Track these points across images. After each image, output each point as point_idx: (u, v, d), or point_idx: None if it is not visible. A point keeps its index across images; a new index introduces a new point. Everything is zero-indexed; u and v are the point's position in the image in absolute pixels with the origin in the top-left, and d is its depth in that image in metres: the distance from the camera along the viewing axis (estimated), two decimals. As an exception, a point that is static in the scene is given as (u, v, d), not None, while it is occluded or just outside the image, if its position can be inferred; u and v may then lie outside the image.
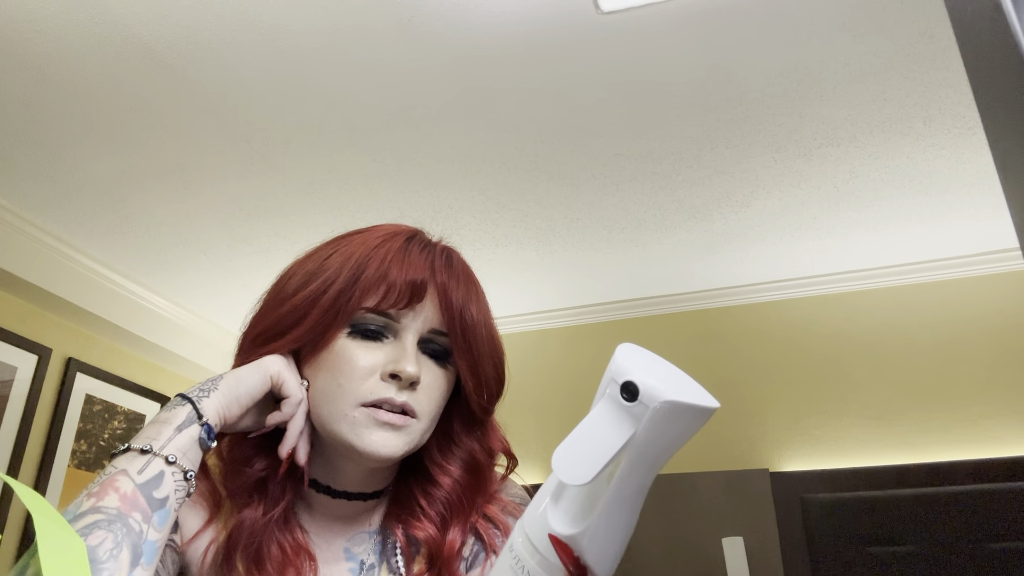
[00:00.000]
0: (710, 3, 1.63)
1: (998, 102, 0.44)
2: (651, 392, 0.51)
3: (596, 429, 0.53)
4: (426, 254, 0.75)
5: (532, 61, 1.81)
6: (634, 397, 0.52)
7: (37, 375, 2.57)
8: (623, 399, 0.52)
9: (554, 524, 0.54)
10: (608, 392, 0.54)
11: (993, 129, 0.46)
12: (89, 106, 1.95)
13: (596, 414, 0.53)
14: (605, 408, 0.53)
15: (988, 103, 0.46)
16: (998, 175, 0.46)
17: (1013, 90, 0.41)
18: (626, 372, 0.53)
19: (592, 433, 0.53)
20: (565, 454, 0.52)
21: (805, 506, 2.53)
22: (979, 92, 0.48)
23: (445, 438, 0.78)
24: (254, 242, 2.62)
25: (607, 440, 0.52)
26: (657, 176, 2.25)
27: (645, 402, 0.51)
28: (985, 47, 0.45)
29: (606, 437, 0.52)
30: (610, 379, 0.54)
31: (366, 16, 1.67)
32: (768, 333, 2.87)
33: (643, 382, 0.52)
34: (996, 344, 2.56)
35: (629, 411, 0.52)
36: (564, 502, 0.55)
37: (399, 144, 2.12)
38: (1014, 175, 0.44)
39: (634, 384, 0.52)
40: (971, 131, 2.03)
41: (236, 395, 0.69)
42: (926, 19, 1.66)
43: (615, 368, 0.54)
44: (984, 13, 0.44)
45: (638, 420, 0.52)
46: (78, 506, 0.58)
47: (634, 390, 0.52)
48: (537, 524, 0.55)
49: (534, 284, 2.94)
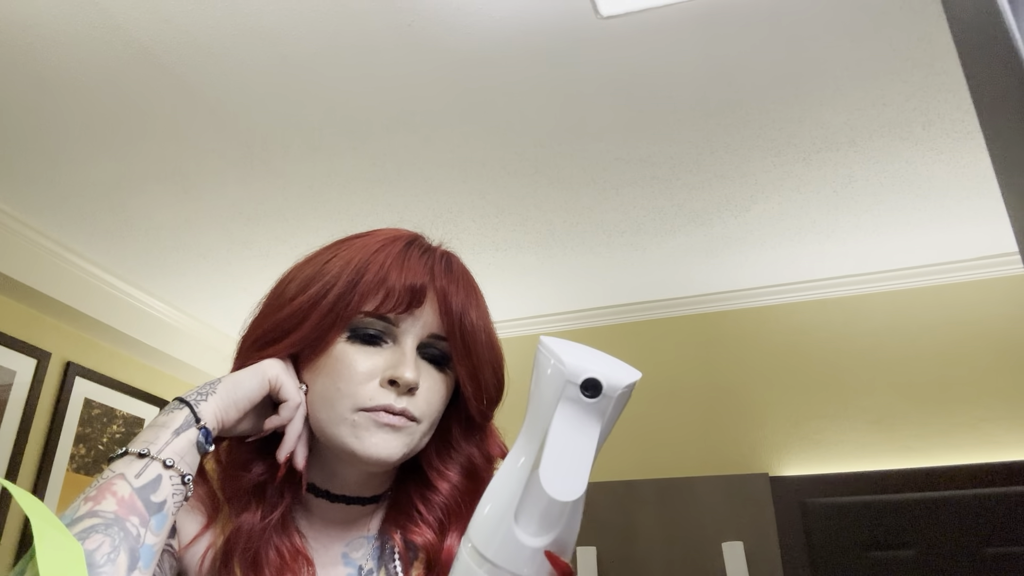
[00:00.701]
0: (709, 8, 1.63)
1: (997, 107, 0.45)
2: (611, 382, 0.51)
3: (569, 437, 0.52)
4: (426, 259, 0.75)
5: (532, 65, 1.81)
6: (597, 392, 0.51)
7: (36, 379, 2.56)
8: (585, 397, 0.51)
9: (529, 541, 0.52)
10: (566, 394, 0.52)
11: (992, 134, 0.46)
12: (89, 110, 1.96)
13: (561, 421, 0.52)
14: (567, 412, 0.52)
15: (987, 108, 0.47)
16: (997, 179, 0.46)
17: (1012, 95, 0.41)
18: (580, 369, 0.52)
19: (567, 442, 0.52)
20: (553, 473, 0.51)
21: (805, 510, 2.53)
22: (978, 97, 0.48)
23: (444, 443, 0.78)
24: (254, 246, 2.62)
25: (584, 444, 0.51)
26: (657, 180, 2.26)
27: (608, 394, 0.51)
28: (984, 52, 0.45)
29: (582, 442, 0.51)
30: (564, 381, 0.52)
31: (366, 21, 1.67)
32: (768, 337, 2.87)
33: (602, 374, 0.51)
34: (995, 348, 2.56)
35: (592, 407, 0.51)
36: (529, 515, 0.53)
37: (399, 148, 2.12)
38: (1013, 180, 0.44)
39: (596, 379, 0.51)
40: (970, 136, 2.04)
41: (234, 398, 0.69)
42: (925, 24, 1.66)
43: (568, 370, 0.52)
44: (983, 18, 0.44)
45: (602, 414, 0.51)
46: (75, 510, 0.58)
47: (597, 385, 0.51)
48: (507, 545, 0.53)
49: (534, 288, 2.94)
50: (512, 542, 0.53)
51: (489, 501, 0.55)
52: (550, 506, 0.53)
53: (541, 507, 0.53)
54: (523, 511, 0.53)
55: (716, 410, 2.82)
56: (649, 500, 2.68)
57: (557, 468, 0.51)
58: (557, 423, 0.52)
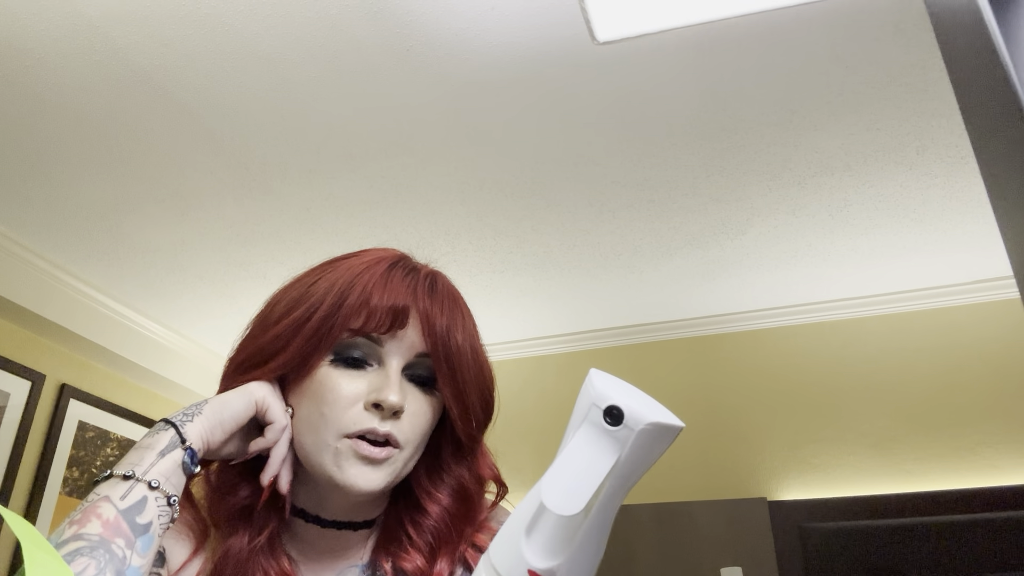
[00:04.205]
0: (705, 34, 1.65)
1: (989, 132, 0.45)
2: (635, 415, 0.51)
3: (582, 456, 0.52)
4: (409, 280, 0.74)
5: (529, 90, 1.82)
6: (619, 421, 0.51)
7: (30, 401, 2.55)
8: (607, 424, 0.52)
9: (531, 559, 0.53)
10: (590, 417, 0.53)
11: (985, 158, 0.46)
12: (86, 131, 1.96)
13: (580, 441, 0.53)
14: (588, 434, 0.53)
15: (979, 133, 0.47)
16: (991, 204, 0.46)
17: (1003, 120, 0.41)
18: (607, 397, 0.52)
19: (578, 461, 0.52)
20: (554, 485, 0.52)
21: (804, 535, 2.51)
22: (970, 122, 0.48)
23: (434, 465, 0.77)
24: (250, 268, 2.62)
25: (595, 467, 0.51)
26: (653, 204, 2.27)
27: (630, 425, 0.51)
28: (975, 78, 0.46)
29: (593, 464, 0.52)
30: (591, 404, 0.53)
31: (365, 45, 1.69)
32: (765, 360, 2.87)
33: (627, 405, 0.52)
34: (992, 372, 2.56)
35: (613, 435, 0.52)
36: (539, 534, 0.54)
37: (396, 171, 2.13)
38: (1006, 204, 0.44)
39: (618, 408, 0.52)
40: (964, 160, 2.05)
41: (220, 419, 0.69)
42: (917, 50, 1.68)
43: (595, 393, 0.53)
44: (974, 45, 0.45)
45: (622, 444, 0.51)
46: (60, 533, 0.58)
47: (618, 414, 0.51)
48: (511, 559, 0.53)
49: (531, 310, 2.94)
50: (518, 559, 0.53)
51: (512, 515, 0.56)
52: (556, 527, 0.53)
53: (549, 525, 0.53)
54: (534, 528, 0.54)
55: (713, 434, 2.81)
56: (646, 525, 2.66)
57: (560, 481, 0.52)
58: (575, 441, 0.53)
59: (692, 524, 2.63)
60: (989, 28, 0.42)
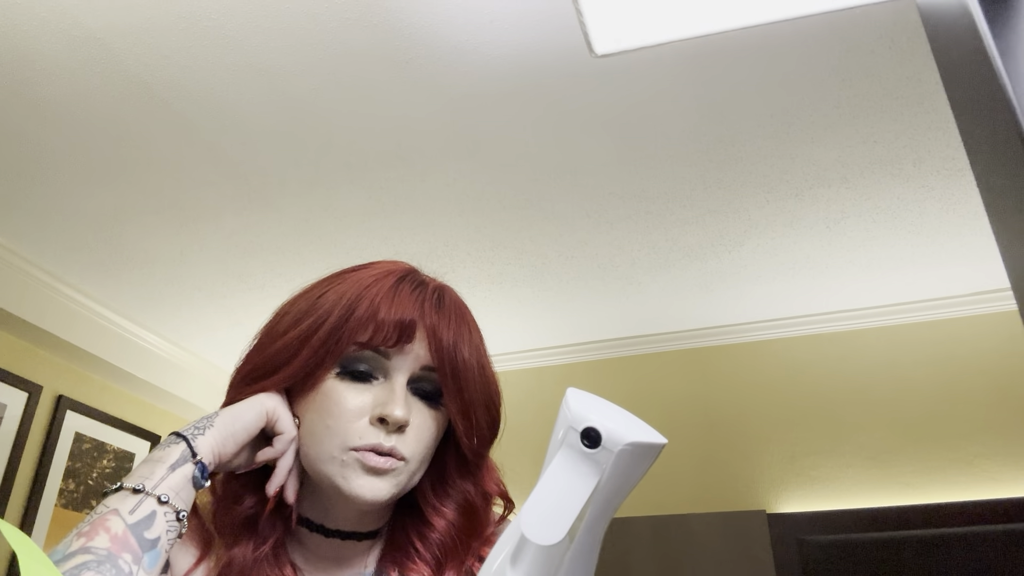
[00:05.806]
0: (703, 47, 1.66)
1: (985, 144, 0.45)
2: (614, 436, 0.50)
3: (560, 482, 0.51)
4: (417, 294, 0.74)
5: (527, 102, 1.83)
6: (597, 443, 0.50)
7: (27, 412, 2.54)
8: (585, 446, 0.50)
9: None
10: (567, 441, 0.52)
11: (981, 170, 0.47)
12: (86, 143, 1.97)
13: (557, 466, 0.51)
14: (566, 458, 0.51)
15: (975, 145, 0.47)
16: (987, 216, 0.46)
17: (999, 132, 0.42)
18: (584, 419, 0.51)
19: (557, 487, 0.51)
20: (533, 514, 0.50)
21: (803, 548, 2.50)
22: (966, 135, 0.49)
23: (439, 479, 0.77)
24: (249, 279, 2.62)
25: (574, 492, 0.50)
26: (651, 215, 2.27)
27: (609, 447, 0.50)
28: (971, 91, 0.46)
29: (572, 489, 0.50)
30: (567, 427, 0.52)
31: (364, 57, 1.70)
32: (762, 372, 2.87)
33: (604, 427, 0.50)
34: (990, 384, 2.56)
35: (592, 458, 0.50)
36: (524, 564, 0.52)
37: (395, 183, 2.13)
38: (1003, 216, 0.44)
39: (595, 430, 0.50)
40: (960, 173, 2.06)
41: (232, 431, 0.69)
42: (913, 63, 1.69)
43: (571, 416, 0.52)
44: (970, 58, 0.45)
45: (602, 467, 0.50)
46: (67, 545, 0.57)
47: (596, 436, 0.50)
48: None
49: (529, 321, 2.94)
50: None
51: (496, 545, 0.55)
52: (539, 555, 0.52)
53: (532, 555, 0.52)
54: (518, 558, 0.53)
55: (711, 446, 2.80)
56: (644, 537, 2.65)
57: (539, 509, 0.50)
58: (553, 466, 0.52)
59: (690, 537, 2.62)
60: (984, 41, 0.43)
